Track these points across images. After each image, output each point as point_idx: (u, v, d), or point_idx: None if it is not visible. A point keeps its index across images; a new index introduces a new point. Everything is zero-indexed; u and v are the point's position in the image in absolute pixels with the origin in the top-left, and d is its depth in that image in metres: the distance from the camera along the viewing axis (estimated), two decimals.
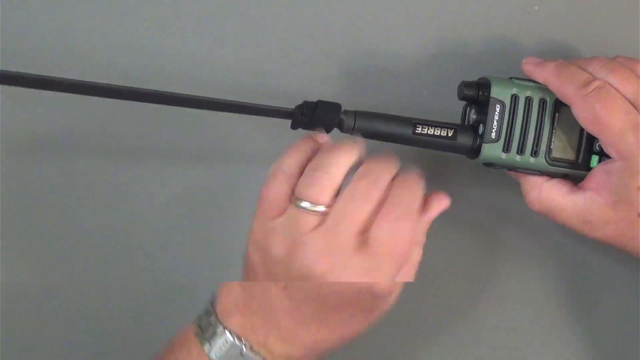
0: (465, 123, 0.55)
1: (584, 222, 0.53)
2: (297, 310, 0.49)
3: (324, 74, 0.59)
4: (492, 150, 0.53)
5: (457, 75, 0.56)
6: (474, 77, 0.55)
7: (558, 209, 0.53)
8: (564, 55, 0.57)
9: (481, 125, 0.53)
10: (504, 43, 0.59)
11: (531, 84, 0.54)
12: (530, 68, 0.53)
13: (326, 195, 0.49)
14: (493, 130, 0.53)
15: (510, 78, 0.54)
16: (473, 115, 0.54)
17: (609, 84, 0.51)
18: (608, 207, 0.51)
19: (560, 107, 0.53)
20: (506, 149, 0.53)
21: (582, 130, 0.53)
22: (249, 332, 0.49)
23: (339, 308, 0.49)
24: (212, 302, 0.51)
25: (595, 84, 0.51)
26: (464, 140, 0.54)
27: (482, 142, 0.53)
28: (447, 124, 0.54)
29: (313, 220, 0.48)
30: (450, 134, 0.53)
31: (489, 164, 0.54)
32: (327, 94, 0.53)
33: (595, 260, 0.61)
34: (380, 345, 0.61)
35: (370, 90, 0.59)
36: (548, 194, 0.54)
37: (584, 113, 0.51)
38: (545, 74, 0.53)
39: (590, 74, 0.52)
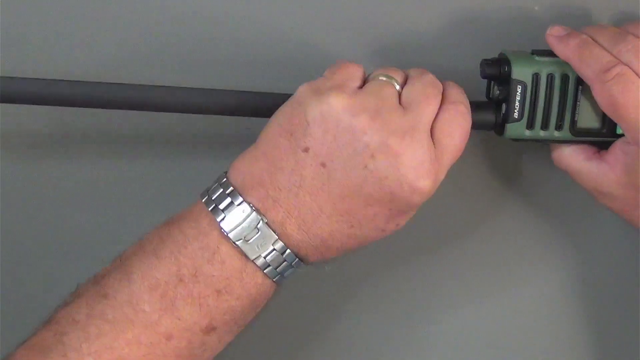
0: (491, 96, 0.55)
1: (595, 190, 0.54)
2: (326, 191, 0.48)
3: (342, 50, 0.58)
4: (515, 129, 0.53)
5: (480, 49, 0.56)
6: (496, 50, 0.55)
7: (575, 172, 0.55)
8: (588, 22, 0.57)
9: (504, 104, 0.53)
10: (527, 11, 0.58)
11: (552, 59, 0.53)
12: (553, 42, 0.53)
13: (399, 74, 0.50)
14: (515, 110, 0.53)
15: (532, 53, 0.53)
16: (496, 91, 0.54)
17: (632, 69, 0.50)
18: (618, 184, 0.52)
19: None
20: (530, 126, 0.53)
21: None
22: (269, 207, 0.49)
23: (369, 201, 0.48)
24: (227, 176, 0.50)
25: (616, 70, 0.50)
26: (487, 117, 0.54)
27: (505, 121, 0.53)
28: (471, 102, 0.53)
29: (394, 91, 0.49)
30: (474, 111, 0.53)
31: (515, 139, 0.55)
32: None
33: (600, 251, 0.62)
34: (380, 344, 0.62)
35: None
36: (568, 157, 0.55)
37: (602, 98, 0.51)
38: (567, 51, 0.52)
39: (615, 55, 0.51)
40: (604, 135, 0.54)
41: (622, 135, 0.52)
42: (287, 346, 0.62)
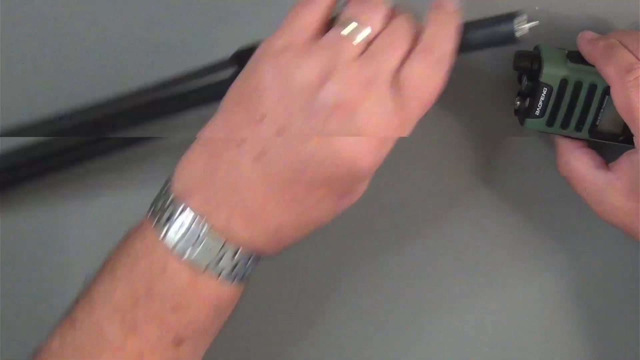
0: (520, 86, 0.56)
1: (598, 202, 0.53)
2: (265, 184, 0.46)
3: None
4: (535, 124, 0.55)
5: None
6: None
7: (579, 179, 0.54)
8: (588, 21, 0.57)
9: (528, 99, 0.54)
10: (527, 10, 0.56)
11: (584, 67, 0.53)
12: (582, 43, 0.53)
13: (378, 15, 0.47)
14: (538, 109, 0.54)
15: (567, 55, 0.54)
16: (525, 82, 0.55)
17: None
18: (623, 195, 0.52)
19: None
20: (549, 124, 0.54)
21: None
22: (211, 210, 0.46)
23: (312, 186, 0.46)
24: (169, 184, 0.48)
25: (637, 73, 0.50)
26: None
27: (525, 117, 0.54)
28: None
29: (355, 49, 0.46)
30: None
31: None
32: None
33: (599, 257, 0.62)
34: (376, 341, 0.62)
35: None
36: (575, 163, 0.54)
37: (618, 99, 0.51)
38: (594, 52, 0.52)
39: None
40: (621, 141, 0.54)
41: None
42: (273, 345, 0.62)
